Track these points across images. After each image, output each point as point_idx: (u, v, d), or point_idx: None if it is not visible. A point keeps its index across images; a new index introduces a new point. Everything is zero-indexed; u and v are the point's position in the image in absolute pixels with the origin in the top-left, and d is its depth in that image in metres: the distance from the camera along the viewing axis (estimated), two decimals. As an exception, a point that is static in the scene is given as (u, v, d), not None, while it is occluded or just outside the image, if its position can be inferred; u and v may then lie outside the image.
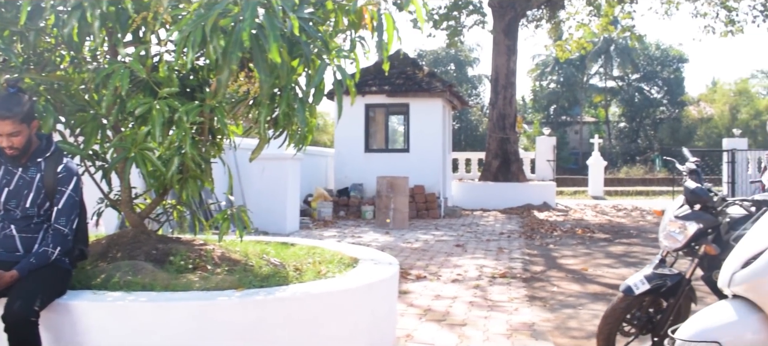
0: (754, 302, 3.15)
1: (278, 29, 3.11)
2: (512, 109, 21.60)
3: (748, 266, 3.15)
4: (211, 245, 4.68)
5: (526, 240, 12.17)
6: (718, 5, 22.75)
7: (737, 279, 3.18)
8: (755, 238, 3.26)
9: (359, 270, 4.46)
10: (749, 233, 3.39)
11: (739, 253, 3.27)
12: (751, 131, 46.38)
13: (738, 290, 3.21)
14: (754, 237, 3.28)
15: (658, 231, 4.52)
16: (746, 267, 3.16)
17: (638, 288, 4.16)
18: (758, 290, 3.12)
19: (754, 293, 3.14)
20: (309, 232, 12.71)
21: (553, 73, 56.85)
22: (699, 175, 4.40)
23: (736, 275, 3.19)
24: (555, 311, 6.38)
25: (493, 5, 21.36)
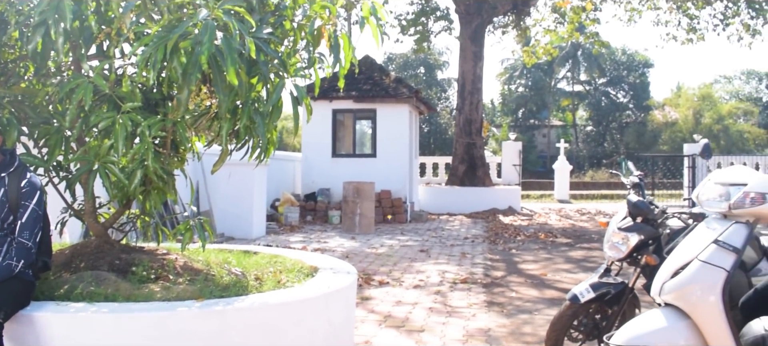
0: (682, 309, 3.39)
1: (236, 52, 3.25)
2: (478, 114, 21.88)
3: (677, 276, 3.41)
4: (173, 255, 4.78)
5: (490, 245, 12.39)
6: (680, 13, 23.24)
7: (667, 288, 3.43)
8: (684, 250, 3.52)
9: (318, 279, 4.60)
10: (680, 245, 3.63)
11: (670, 264, 3.53)
12: (713, 135, 47.34)
13: (668, 299, 3.45)
14: (684, 249, 3.54)
15: None
16: (675, 277, 3.41)
17: (584, 296, 4.37)
18: (686, 298, 3.37)
19: (683, 302, 3.39)
20: (275, 237, 12.82)
21: (521, 77, 57.51)
22: (642, 188, 4.64)
23: (666, 284, 3.44)
24: (511, 317, 6.58)
25: (459, 12, 21.62)
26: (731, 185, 3.56)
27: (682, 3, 22.44)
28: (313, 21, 3.99)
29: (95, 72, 4.10)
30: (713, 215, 3.64)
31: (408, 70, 57.13)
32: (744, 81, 60.97)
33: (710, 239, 3.44)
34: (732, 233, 3.41)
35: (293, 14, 4.15)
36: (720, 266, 3.32)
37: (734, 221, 3.45)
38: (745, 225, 3.44)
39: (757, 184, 3.46)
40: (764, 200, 3.41)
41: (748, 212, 3.45)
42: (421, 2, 21.98)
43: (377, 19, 4.05)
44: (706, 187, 3.74)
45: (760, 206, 3.41)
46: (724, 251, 3.35)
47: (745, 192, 3.45)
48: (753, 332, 3.47)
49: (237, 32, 3.23)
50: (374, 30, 4.06)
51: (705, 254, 3.37)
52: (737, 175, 3.62)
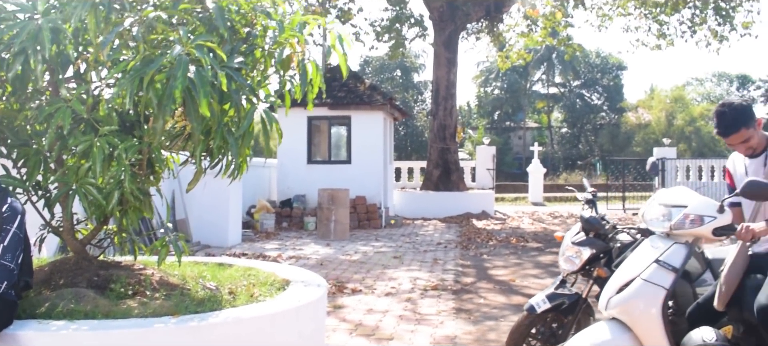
0: (626, 323, 3.68)
1: (208, 84, 3.46)
2: (452, 120, 22.16)
3: (622, 292, 3.69)
4: (150, 269, 4.96)
5: (462, 250, 12.65)
6: (650, 20, 23.68)
7: (612, 303, 3.71)
8: (629, 266, 3.80)
9: (289, 293, 4.81)
10: (626, 261, 3.91)
11: (615, 280, 3.80)
12: (685, 137, 48.08)
13: (613, 313, 3.73)
14: (629, 266, 3.82)
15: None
16: (619, 293, 3.69)
17: (540, 307, 4.63)
18: (629, 313, 3.65)
19: (626, 316, 3.67)
20: (251, 244, 13.00)
21: (497, 79, 57.97)
22: (595, 204, 4.92)
23: (612, 299, 3.72)
24: (478, 324, 6.83)
25: (433, 18, 21.90)
26: (673, 206, 3.82)
27: (652, 10, 22.88)
28: (282, 49, 4.19)
29: (73, 96, 4.28)
30: (657, 233, 3.91)
31: (384, 73, 57.46)
32: (715, 83, 61.92)
33: (652, 258, 3.71)
34: (672, 253, 3.68)
35: (263, 42, 4.35)
36: (660, 285, 3.61)
37: (674, 242, 3.72)
38: (684, 245, 3.72)
39: (696, 207, 3.74)
40: (702, 222, 3.68)
41: (687, 233, 3.73)
42: (396, 9, 22.21)
43: (343, 47, 4.26)
44: (651, 207, 4.01)
45: (698, 228, 3.69)
46: (664, 271, 3.64)
47: (685, 214, 3.72)
48: (693, 342, 3.76)
49: (209, 67, 3.44)
50: (341, 59, 4.27)
51: (646, 273, 3.65)
52: (679, 197, 3.88)
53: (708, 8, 22.34)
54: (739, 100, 3.90)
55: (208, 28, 4.02)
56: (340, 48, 4.31)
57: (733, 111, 3.85)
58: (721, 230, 3.69)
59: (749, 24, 22.49)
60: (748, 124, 3.85)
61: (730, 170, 4.24)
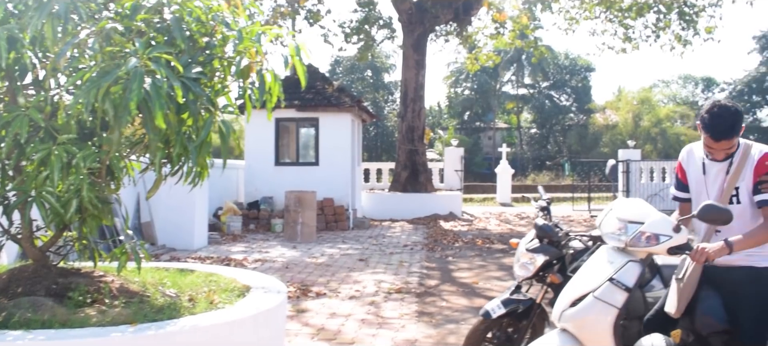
0: (576, 336, 3.77)
1: (163, 97, 3.50)
2: (421, 121, 22.29)
3: (575, 306, 3.76)
4: (110, 277, 4.97)
5: (428, 252, 12.76)
6: (616, 24, 23.97)
7: (565, 317, 3.78)
8: (583, 278, 3.86)
9: (248, 299, 4.85)
10: (581, 271, 3.98)
11: (569, 292, 3.87)
12: (652, 138, 48.77)
13: (565, 326, 3.81)
14: (583, 277, 3.88)
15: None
16: (573, 307, 3.76)
17: (495, 312, 4.72)
18: (580, 329, 3.74)
19: (578, 330, 3.76)
20: (217, 247, 12.98)
21: (467, 80, 58.28)
22: (549, 212, 5.03)
23: (565, 312, 3.79)
24: (439, 327, 6.93)
25: (402, 21, 22.00)
26: (630, 221, 3.83)
27: (618, 14, 23.18)
28: (240, 59, 4.24)
29: (31, 104, 4.28)
30: (612, 246, 3.95)
31: (355, 73, 57.52)
32: (681, 85, 62.85)
33: (606, 274, 3.75)
34: (626, 272, 3.70)
35: (222, 51, 4.39)
36: (611, 305, 3.66)
37: (629, 260, 3.74)
38: (638, 263, 3.75)
39: (653, 224, 3.73)
40: (658, 240, 3.70)
41: (642, 250, 3.77)
42: (365, 11, 22.28)
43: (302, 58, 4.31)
44: (608, 219, 4.03)
45: (654, 246, 3.72)
46: (617, 290, 3.67)
47: (641, 231, 3.73)
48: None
49: (164, 79, 3.48)
50: (300, 69, 4.33)
51: (599, 291, 3.69)
52: (636, 212, 3.88)
53: (672, 13, 22.69)
54: (734, 105, 3.74)
55: (166, 39, 4.05)
56: (298, 58, 4.36)
57: (732, 117, 3.68)
58: (676, 249, 3.71)
59: (712, 29, 22.87)
60: (739, 132, 3.73)
61: (684, 164, 4.17)
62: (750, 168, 3.78)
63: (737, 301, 3.76)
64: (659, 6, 22.35)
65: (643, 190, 23.19)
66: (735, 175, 3.81)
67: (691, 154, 4.10)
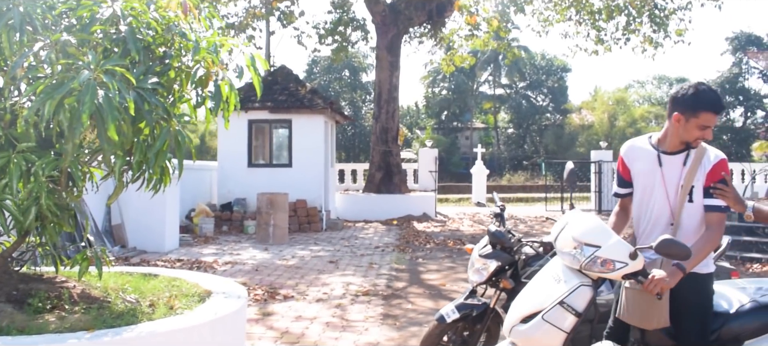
0: None
1: (115, 109, 3.57)
2: (395, 123, 22.41)
3: (525, 323, 3.81)
4: (72, 282, 5.02)
5: (399, 254, 12.86)
6: (588, 26, 24.22)
7: (515, 332, 3.84)
8: (534, 293, 3.90)
9: (208, 305, 4.92)
10: (532, 284, 4.03)
11: (520, 306, 3.90)
12: (627, 138, 49.02)
13: (515, 340, 3.88)
14: (534, 292, 3.91)
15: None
16: (523, 324, 3.81)
17: (449, 317, 4.84)
18: (529, 344, 3.79)
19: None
20: (188, 249, 13.00)
21: (444, 80, 58.47)
22: (503, 219, 5.15)
23: (515, 328, 3.85)
24: (402, 330, 7.03)
25: (376, 22, 22.11)
26: (586, 244, 3.78)
27: (589, 16, 23.43)
28: (196, 70, 4.32)
29: (-10, 112, 4.32)
30: (566, 263, 3.96)
31: (332, 73, 57.54)
32: (656, 86, 63.52)
33: (557, 295, 3.77)
34: (577, 296, 3.69)
35: (180, 61, 4.46)
36: (560, 329, 3.70)
37: (581, 283, 3.75)
38: (590, 287, 3.77)
39: (609, 250, 3.66)
40: (613, 266, 3.71)
41: (597, 274, 3.80)
42: (339, 12, 22.36)
43: (256, 68, 4.39)
44: (564, 236, 4.02)
45: (609, 273, 3.74)
46: (566, 313, 3.68)
47: (597, 256, 3.70)
48: None
49: (117, 92, 3.55)
50: (255, 79, 4.41)
51: (549, 314, 3.69)
52: (593, 234, 3.82)
53: (643, 16, 22.98)
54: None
55: (122, 50, 4.11)
56: (254, 68, 4.44)
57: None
58: (631, 276, 3.74)
59: (682, 32, 23.21)
60: None
61: (626, 160, 4.18)
62: (704, 170, 3.85)
63: (678, 307, 3.79)
64: (630, 9, 22.63)
65: (615, 190, 23.43)
66: (692, 170, 3.85)
67: (636, 149, 4.08)
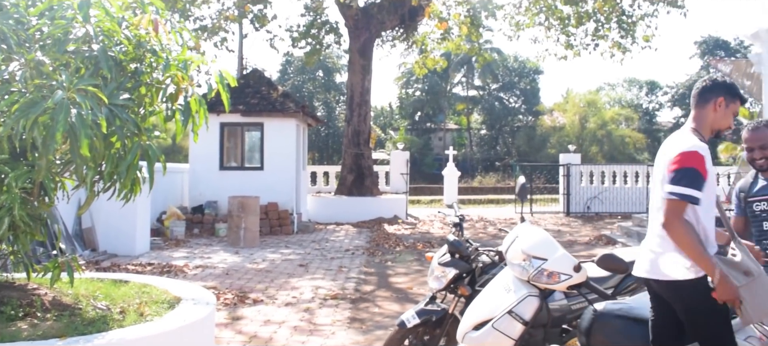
0: None
1: (88, 127, 3.73)
2: (367, 126, 22.61)
3: (476, 330, 4.06)
4: (44, 289, 5.16)
5: (368, 257, 13.06)
6: (558, 31, 24.59)
7: (468, 339, 4.10)
8: (486, 302, 4.14)
9: (177, 311, 5.09)
10: (484, 293, 4.28)
11: (473, 313, 4.16)
12: (598, 140, 49.88)
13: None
14: (485, 301, 4.16)
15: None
16: (474, 331, 4.06)
17: (410, 322, 5.06)
18: None
19: None
20: (159, 252, 13.09)
21: (418, 81, 58.72)
22: (461, 228, 5.39)
23: (468, 334, 4.10)
24: (367, 333, 7.24)
25: (349, 26, 22.30)
26: (534, 256, 4.09)
27: (557, 21, 23.80)
28: (166, 87, 4.49)
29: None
30: (516, 274, 4.21)
31: (306, 73, 57.57)
32: (626, 88, 64.35)
33: (506, 304, 4.02)
34: (524, 306, 3.98)
35: (150, 77, 4.62)
36: (509, 336, 3.96)
37: (528, 294, 4.01)
38: (537, 297, 4.04)
39: (555, 263, 3.98)
40: (559, 278, 3.99)
41: (544, 285, 4.06)
42: (312, 15, 22.52)
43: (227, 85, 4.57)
44: (514, 248, 4.28)
45: (555, 284, 4.02)
46: (514, 322, 3.97)
47: (544, 268, 4.02)
48: None
49: (89, 110, 3.71)
50: (224, 95, 4.59)
51: (498, 322, 3.97)
52: (541, 248, 4.12)
53: (611, 22, 23.40)
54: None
55: (94, 68, 4.27)
56: (222, 85, 4.62)
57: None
58: (575, 287, 3.98)
59: (649, 38, 23.66)
60: None
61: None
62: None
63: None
64: (598, 15, 23.04)
65: (583, 193, 23.87)
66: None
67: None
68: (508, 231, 4.60)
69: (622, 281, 5.10)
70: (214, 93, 4.67)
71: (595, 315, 4.05)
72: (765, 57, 15.69)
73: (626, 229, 16.19)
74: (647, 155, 53.31)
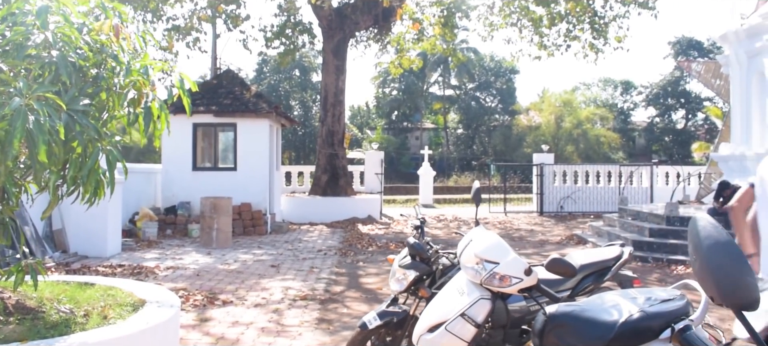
0: None
1: (46, 134, 3.77)
2: (340, 126, 22.68)
3: (430, 333, 4.13)
4: (7, 293, 5.17)
5: (340, 257, 13.12)
6: (532, 32, 24.79)
7: (422, 341, 4.16)
8: (439, 305, 4.22)
9: (141, 314, 5.12)
10: (438, 297, 4.36)
11: (427, 316, 4.23)
12: (573, 139, 50.26)
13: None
14: (439, 304, 4.24)
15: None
16: (429, 333, 4.14)
17: (371, 324, 5.14)
18: None
19: None
20: (131, 254, 13.06)
21: (394, 81, 58.80)
22: (423, 231, 5.48)
23: (422, 337, 4.17)
24: (334, 334, 7.30)
25: (322, 26, 22.35)
26: (486, 260, 4.15)
27: (533, 22, 24.00)
28: (126, 93, 4.53)
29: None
30: (469, 277, 4.30)
31: (282, 73, 57.41)
32: (601, 88, 64.88)
33: (459, 307, 4.11)
34: (477, 308, 4.05)
35: (112, 83, 4.66)
36: (461, 338, 4.04)
37: (481, 297, 4.10)
38: (489, 300, 4.12)
39: (506, 266, 4.04)
40: (510, 282, 4.08)
41: (496, 288, 4.15)
42: (285, 16, 22.53)
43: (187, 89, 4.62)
44: (467, 252, 4.37)
45: (507, 287, 4.11)
46: (467, 325, 4.05)
47: (495, 272, 4.12)
48: None
49: (47, 118, 3.75)
50: (185, 100, 4.64)
51: (451, 325, 4.04)
52: (493, 251, 4.17)
53: (583, 23, 23.64)
54: None
55: (54, 74, 4.29)
56: (182, 89, 4.67)
57: None
58: (526, 290, 4.09)
59: (621, 39, 23.93)
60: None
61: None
62: None
63: None
64: (570, 17, 23.26)
65: (556, 192, 24.11)
66: None
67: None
68: (463, 234, 4.69)
69: (580, 282, 5.21)
70: (176, 97, 4.72)
71: (547, 318, 4.13)
72: (733, 58, 15.99)
73: (597, 229, 16.39)
74: (622, 154, 53.90)
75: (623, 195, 20.81)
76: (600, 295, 4.07)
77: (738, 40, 15.52)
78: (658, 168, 26.18)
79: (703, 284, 2.46)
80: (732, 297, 2.29)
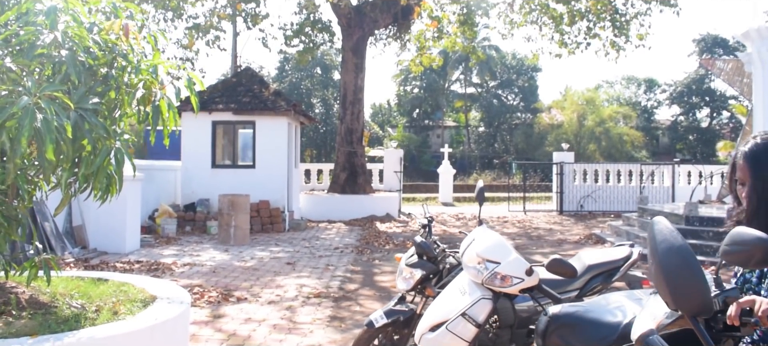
0: None
1: (53, 132, 3.83)
2: (360, 124, 22.72)
3: (432, 332, 4.15)
4: (21, 288, 5.26)
5: (356, 256, 13.16)
6: (552, 29, 24.68)
7: (424, 341, 4.19)
8: (441, 304, 4.24)
9: (150, 310, 5.18)
10: (440, 296, 4.38)
11: (429, 316, 4.25)
12: (596, 137, 49.89)
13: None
14: (441, 304, 4.26)
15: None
16: (430, 332, 4.16)
17: (378, 322, 5.16)
18: None
19: None
20: (149, 250, 13.19)
21: (416, 78, 58.79)
22: (430, 230, 5.49)
23: (424, 336, 4.19)
24: (345, 332, 7.33)
25: (342, 24, 22.40)
26: (488, 260, 4.19)
27: (553, 20, 23.88)
28: (135, 91, 4.58)
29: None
30: (470, 277, 4.32)
31: (304, 71, 57.61)
32: (624, 86, 64.36)
33: (460, 307, 4.12)
34: (477, 308, 4.07)
35: (121, 82, 4.72)
36: (462, 338, 4.06)
37: (482, 296, 4.12)
38: (490, 300, 4.14)
39: (507, 266, 4.07)
40: (512, 282, 4.10)
41: (498, 288, 4.16)
42: (305, 14, 22.62)
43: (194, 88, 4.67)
44: (469, 251, 4.40)
45: (507, 287, 4.12)
46: (468, 324, 4.06)
47: (496, 271, 4.14)
48: None
49: (54, 116, 3.81)
50: (193, 99, 4.69)
51: (452, 324, 4.07)
52: (495, 251, 4.22)
53: (604, 21, 23.48)
54: None
55: (64, 74, 4.36)
56: (191, 90, 4.72)
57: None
58: (527, 290, 4.10)
59: (643, 36, 23.74)
60: None
61: None
62: None
63: None
64: (590, 15, 23.12)
65: (576, 191, 23.97)
66: None
67: None
68: (466, 234, 4.70)
69: (588, 282, 5.20)
70: (185, 97, 4.77)
71: (550, 318, 4.13)
72: (755, 56, 15.83)
73: (616, 228, 16.28)
74: (645, 153, 53.47)
75: (643, 194, 20.64)
76: (605, 296, 4.07)
77: (761, 37, 15.36)
78: (680, 167, 25.90)
79: (658, 288, 2.44)
80: (684, 302, 2.28)
